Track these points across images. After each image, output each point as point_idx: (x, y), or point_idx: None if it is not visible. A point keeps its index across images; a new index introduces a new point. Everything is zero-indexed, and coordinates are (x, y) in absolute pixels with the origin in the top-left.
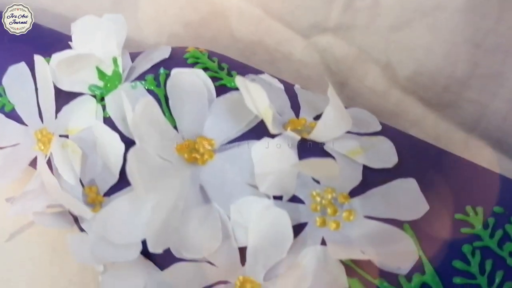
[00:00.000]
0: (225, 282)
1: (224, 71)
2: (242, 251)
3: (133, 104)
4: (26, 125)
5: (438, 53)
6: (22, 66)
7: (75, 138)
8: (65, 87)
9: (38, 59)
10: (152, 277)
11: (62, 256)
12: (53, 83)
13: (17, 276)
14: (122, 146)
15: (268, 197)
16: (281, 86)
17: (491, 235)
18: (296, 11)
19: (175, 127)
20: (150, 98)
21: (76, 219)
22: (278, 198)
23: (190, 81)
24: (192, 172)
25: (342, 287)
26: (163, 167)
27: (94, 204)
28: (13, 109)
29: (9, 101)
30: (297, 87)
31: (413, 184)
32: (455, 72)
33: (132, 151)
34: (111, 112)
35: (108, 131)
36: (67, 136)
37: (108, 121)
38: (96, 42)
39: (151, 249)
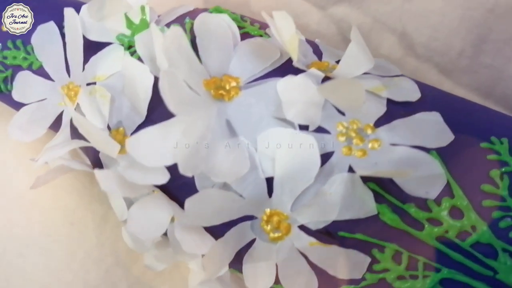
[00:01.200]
0: (251, 218)
1: (247, 22)
2: (270, 184)
3: None
4: (54, 81)
5: (452, 18)
6: (51, 25)
7: (102, 84)
8: (94, 36)
9: (68, 11)
10: (178, 211)
11: (80, 230)
12: (82, 35)
13: (33, 250)
14: (151, 78)
15: (294, 127)
16: (302, 37)
17: None
18: None
19: None
20: (180, 28)
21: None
22: (303, 129)
23: (216, 23)
24: (218, 108)
25: (371, 213)
26: (191, 96)
27: (121, 145)
28: (41, 67)
29: (36, 59)
30: (317, 41)
31: (437, 116)
32: (469, 37)
33: (163, 71)
34: (140, 51)
35: (138, 64)
36: (94, 84)
37: None
38: None
39: (182, 171)
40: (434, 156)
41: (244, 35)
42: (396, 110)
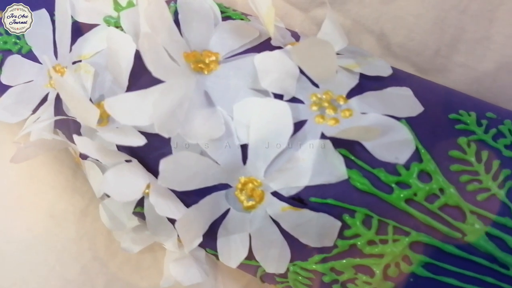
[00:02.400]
0: (226, 186)
1: (230, 9)
2: (245, 153)
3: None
4: (41, 64)
5: (427, 19)
6: (42, 11)
7: (87, 61)
8: (82, 18)
9: None
10: (153, 180)
11: (60, 223)
12: (71, 17)
13: (13, 245)
14: (133, 46)
15: (269, 95)
16: (282, 24)
17: (486, 132)
18: None
19: None
20: (163, 0)
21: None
22: (278, 98)
23: (198, 3)
24: (197, 79)
25: (342, 178)
26: (170, 64)
27: (101, 119)
28: (30, 51)
29: (26, 44)
30: (298, 30)
31: (407, 91)
32: (444, 37)
33: (144, 33)
34: (126, 27)
35: (121, 34)
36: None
37: None
38: None
39: (158, 130)
40: (404, 124)
41: (226, 18)
42: (368, 84)
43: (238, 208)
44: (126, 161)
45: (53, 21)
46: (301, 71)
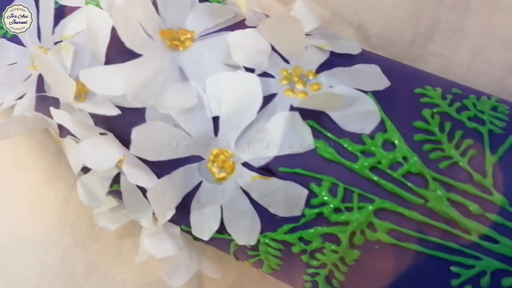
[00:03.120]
0: (199, 159)
1: None
2: (217, 126)
3: None
4: (25, 46)
5: (403, 10)
6: None
7: (68, 41)
8: (65, 1)
9: None
10: (128, 152)
11: (42, 209)
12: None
13: None
14: (110, 22)
15: (241, 70)
16: (259, 9)
17: (450, 105)
18: None
19: None
20: None
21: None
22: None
23: None
24: (172, 55)
25: (309, 148)
26: (145, 38)
27: (79, 96)
28: (15, 36)
29: None
30: None
31: (375, 68)
32: (419, 27)
33: (118, 5)
34: (104, 6)
35: (98, 11)
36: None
37: None
38: None
39: (130, 99)
40: (370, 97)
41: (203, 1)
42: (337, 61)
43: (210, 180)
44: (102, 134)
45: (38, 6)
46: (274, 49)
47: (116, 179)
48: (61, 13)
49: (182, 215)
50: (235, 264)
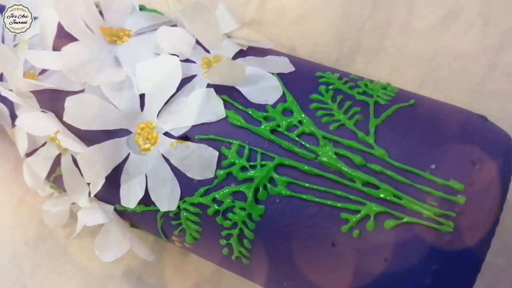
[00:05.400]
0: (127, 133)
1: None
2: (142, 103)
3: None
4: None
5: (329, 35)
6: None
7: (26, 43)
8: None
9: None
10: (64, 128)
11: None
12: None
13: None
14: (56, 17)
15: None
16: None
17: (344, 84)
18: None
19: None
20: None
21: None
22: None
23: None
24: (110, 48)
25: (221, 116)
26: (85, 31)
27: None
28: None
29: None
30: None
31: (284, 59)
32: (343, 49)
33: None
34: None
35: (48, 3)
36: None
37: None
38: None
39: (66, 73)
40: (275, 76)
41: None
42: (252, 53)
43: (137, 151)
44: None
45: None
46: (198, 42)
47: (58, 163)
48: None
49: (114, 193)
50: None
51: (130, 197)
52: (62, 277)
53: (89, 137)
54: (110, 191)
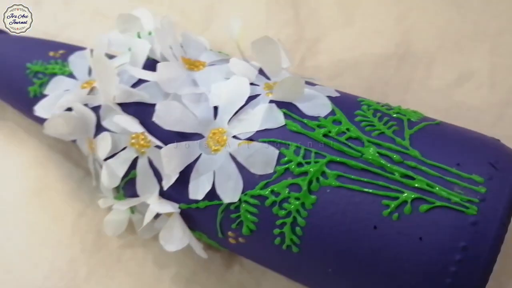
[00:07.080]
0: (200, 136)
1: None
2: (216, 114)
3: None
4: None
5: (360, 89)
6: (86, 51)
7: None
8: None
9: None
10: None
11: (57, 222)
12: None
13: (15, 240)
14: (148, 47)
15: None
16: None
17: (382, 106)
18: None
19: None
20: None
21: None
22: None
23: (195, 37)
24: (189, 73)
25: (281, 124)
26: (172, 57)
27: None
28: (71, 74)
29: (69, 69)
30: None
31: (331, 89)
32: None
33: (156, 28)
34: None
35: (140, 40)
36: None
37: None
38: None
39: (161, 84)
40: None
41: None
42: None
43: (207, 152)
44: None
45: None
46: (261, 72)
47: (134, 166)
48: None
49: (181, 191)
50: None
51: (198, 190)
52: (114, 281)
53: (165, 141)
54: (177, 189)
